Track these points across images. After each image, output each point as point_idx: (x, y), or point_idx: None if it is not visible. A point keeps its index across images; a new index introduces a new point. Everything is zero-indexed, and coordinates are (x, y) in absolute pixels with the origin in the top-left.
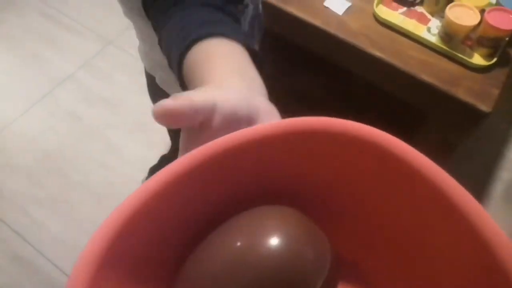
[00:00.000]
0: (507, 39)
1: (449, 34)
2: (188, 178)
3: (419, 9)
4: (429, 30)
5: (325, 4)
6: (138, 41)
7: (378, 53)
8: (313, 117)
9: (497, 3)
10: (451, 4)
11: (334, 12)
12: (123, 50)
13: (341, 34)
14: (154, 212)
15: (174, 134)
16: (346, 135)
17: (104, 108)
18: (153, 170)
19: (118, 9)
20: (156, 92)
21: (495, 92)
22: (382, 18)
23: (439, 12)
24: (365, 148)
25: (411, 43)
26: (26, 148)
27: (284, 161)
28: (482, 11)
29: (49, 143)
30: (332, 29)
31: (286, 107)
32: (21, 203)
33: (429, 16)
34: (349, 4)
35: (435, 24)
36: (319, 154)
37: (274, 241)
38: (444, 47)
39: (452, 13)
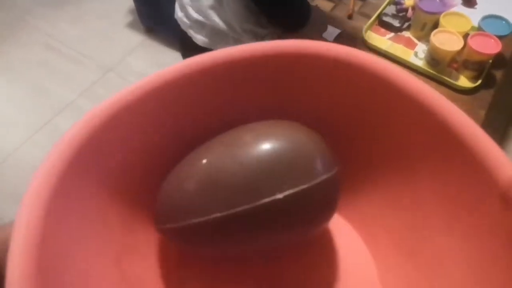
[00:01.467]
0: (490, 61)
1: (435, 59)
2: (179, 83)
3: (406, 34)
4: (416, 54)
5: None
6: (143, 64)
7: None
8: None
9: (479, 28)
10: (435, 30)
11: (325, 39)
12: (123, 77)
13: None
14: (130, 119)
15: None
16: (342, 61)
17: None
18: None
19: (117, 38)
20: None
21: (482, 113)
22: (371, 44)
23: (425, 37)
24: (361, 73)
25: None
26: (28, 178)
27: (281, 81)
28: (466, 36)
29: None
30: None
31: None
32: None
33: (415, 41)
34: (338, 31)
35: (421, 48)
36: (312, 75)
37: (276, 139)
38: (431, 71)
39: (437, 39)
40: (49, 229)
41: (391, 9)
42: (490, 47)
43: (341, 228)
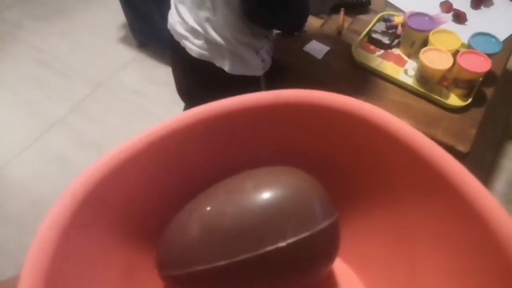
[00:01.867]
0: (481, 79)
1: (424, 77)
2: (177, 137)
3: (396, 51)
4: (406, 72)
5: (305, 48)
6: (135, 80)
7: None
8: (306, 90)
9: (469, 46)
10: (424, 48)
11: (313, 56)
12: (114, 93)
13: (321, 77)
14: (136, 169)
15: None
16: (340, 110)
17: (94, 152)
18: None
19: (109, 52)
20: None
21: (472, 131)
22: (360, 62)
23: (414, 54)
24: (356, 121)
25: (390, 86)
26: (16, 195)
27: (279, 129)
28: (456, 53)
29: (39, 189)
30: (312, 74)
31: None
32: (11, 251)
33: (405, 58)
34: (327, 48)
35: (411, 66)
36: (311, 124)
37: (277, 186)
38: (421, 89)
39: (426, 57)
40: (52, 279)
41: (381, 26)
42: (479, 65)
43: (342, 272)
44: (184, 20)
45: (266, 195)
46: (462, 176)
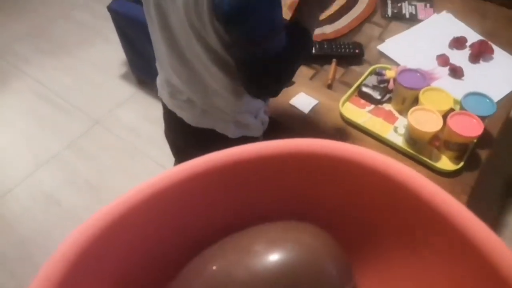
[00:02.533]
0: (474, 141)
1: (412, 138)
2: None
3: (387, 106)
4: (396, 130)
5: (291, 102)
6: (132, 117)
7: None
8: (311, 139)
9: (461, 108)
10: (413, 108)
11: (300, 110)
12: (110, 131)
13: (305, 133)
14: (133, 225)
15: None
16: (350, 161)
17: (85, 192)
18: None
19: (109, 89)
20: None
21: (464, 198)
22: (348, 118)
23: (406, 110)
24: (366, 172)
25: (378, 144)
26: (3, 232)
27: (292, 180)
28: (448, 113)
29: (25, 228)
30: (296, 129)
31: None
32: None
33: (396, 114)
34: (316, 102)
35: (402, 123)
36: (322, 175)
37: (290, 248)
38: (410, 150)
39: (414, 118)
40: None
41: (372, 80)
42: (471, 128)
43: None
44: (180, 90)
45: (278, 258)
46: (487, 238)
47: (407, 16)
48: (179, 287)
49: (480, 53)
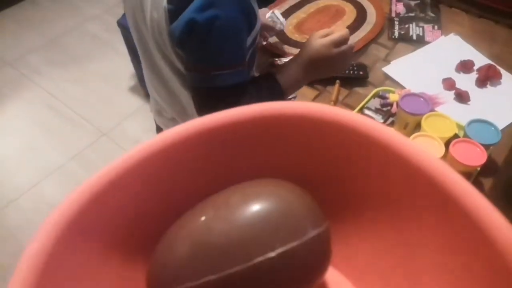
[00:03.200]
0: (478, 169)
1: None
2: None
3: None
4: None
5: None
6: (138, 130)
7: None
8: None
9: (465, 135)
10: (414, 135)
11: None
12: (116, 143)
13: None
14: (131, 184)
15: None
16: (330, 121)
17: None
18: None
19: (117, 101)
20: None
21: None
22: None
23: (408, 135)
24: (344, 131)
25: None
26: (5, 242)
27: (270, 141)
28: (451, 140)
29: (27, 239)
30: None
31: None
32: None
33: None
34: None
35: None
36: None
37: (263, 199)
38: None
39: None
40: None
41: (375, 103)
42: (474, 157)
43: (337, 282)
44: (164, 109)
45: (252, 208)
46: (462, 189)
47: (414, 37)
48: (165, 245)
49: (487, 78)
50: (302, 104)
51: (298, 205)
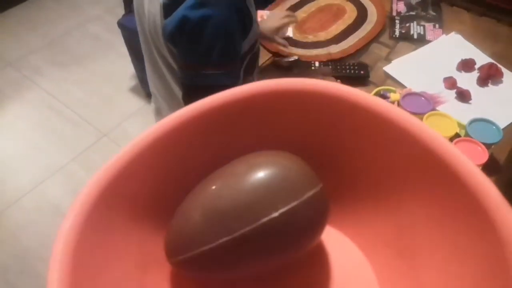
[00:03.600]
0: (480, 168)
1: None
2: (187, 127)
3: None
4: None
5: None
6: (139, 131)
7: None
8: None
9: (466, 134)
10: None
11: None
12: (117, 143)
13: None
14: (153, 158)
15: None
16: (327, 95)
17: None
18: None
19: (118, 101)
20: None
21: None
22: None
23: None
24: (342, 104)
25: None
26: (6, 243)
27: (275, 115)
28: (453, 139)
29: (29, 240)
30: None
31: None
32: None
33: None
34: None
35: None
36: (306, 110)
37: (264, 167)
38: None
39: None
40: (79, 260)
41: None
42: (476, 156)
43: (336, 238)
44: (163, 107)
45: (256, 176)
46: (464, 166)
47: (415, 36)
48: (181, 215)
49: (489, 76)
50: (299, 81)
51: (295, 171)
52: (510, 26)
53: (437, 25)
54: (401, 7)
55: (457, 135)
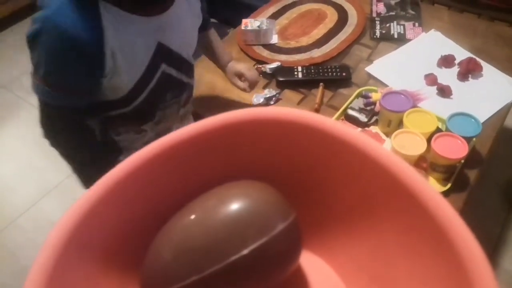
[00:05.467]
0: (462, 161)
1: None
2: (154, 164)
3: (374, 129)
4: None
5: None
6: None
7: None
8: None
9: (446, 129)
10: (396, 132)
11: None
12: None
13: None
14: (120, 197)
15: None
16: (300, 124)
17: None
18: None
19: None
20: None
21: None
22: None
23: (392, 132)
24: (314, 134)
25: None
26: (6, 262)
27: (248, 145)
28: (432, 136)
29: (27, 257)
30: None
31: None
32: None
33: (383, 136)
34: None
35: (389, 145)
36: (277, 139)
37: (235, 201)
38: None
39: (398, 141)
40: None
41: (359, 103)
42: (456, 150)
43: (313, 262)
44: None
45: (225, 211)
46: (427, 193)
47: (396, 36)
48: (153, 252)
49: (468, 71)
50: (272, 109)
51: (266, 203)
52: (490, 20)
53: (416, 24)
54: (381, 8)
55: (438, 130)
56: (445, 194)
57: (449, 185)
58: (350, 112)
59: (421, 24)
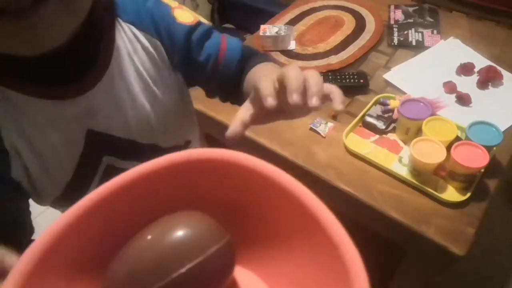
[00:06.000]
0: (482, 170)
1: (416, 169)
2: (110, 201)
3: (392, 136)
4: (400, 160)
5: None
6: None
7: (345, 187)
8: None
9: (466, 138)
10: (416, 139)
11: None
12: None
13: (309, 166)
14: (84, 227)
15: None
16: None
17: None
18: None
19: None
20: None
21: (470, 231)
22: (351, 149)
23: (410, 140)
24: (240, 171)
25: (382, 175)
26: None
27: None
28: (453, 143)
29: None
30: (300, 161)
31: None
32: None
33: (401, 144)
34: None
35: (407, 153)
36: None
37: (173, 227)
38: (414, 180)
39: (417, 149)
40: None
41: (377, 110)
42: (476, 159)
43: (248, 278)
44: None
45: (169, 237)
46: (326, 219)
47: (414, 43)
48: (107, 277)
49: (488, 79)
50: (204, 151)
51: (202, 229)
52: (510, 28)
53: (435, 31)
54: (399, 15)
55: (458, 139)
56: (465, 203)
57: (468, 194)
58: (368, 119)
59: (440, 32)
